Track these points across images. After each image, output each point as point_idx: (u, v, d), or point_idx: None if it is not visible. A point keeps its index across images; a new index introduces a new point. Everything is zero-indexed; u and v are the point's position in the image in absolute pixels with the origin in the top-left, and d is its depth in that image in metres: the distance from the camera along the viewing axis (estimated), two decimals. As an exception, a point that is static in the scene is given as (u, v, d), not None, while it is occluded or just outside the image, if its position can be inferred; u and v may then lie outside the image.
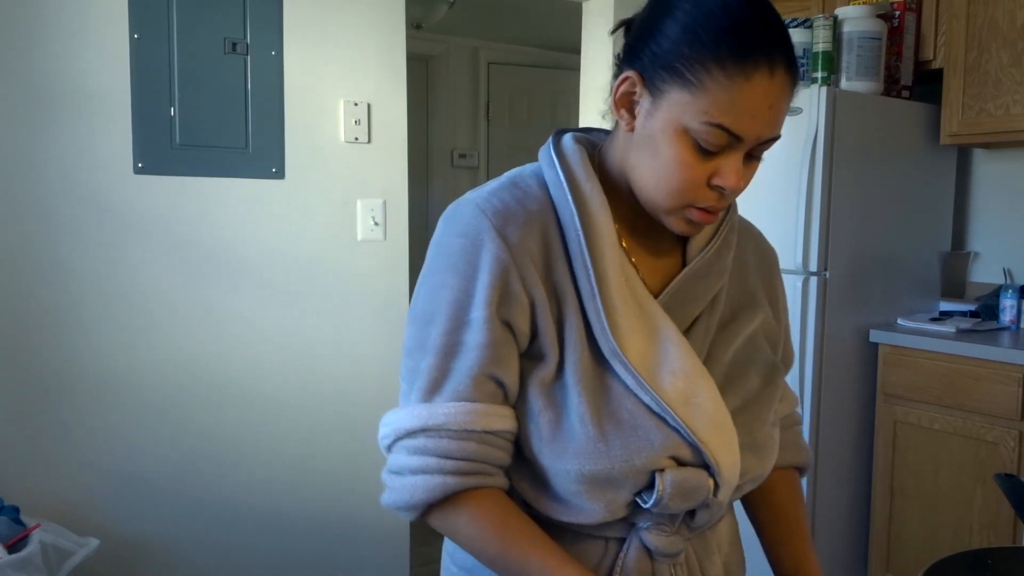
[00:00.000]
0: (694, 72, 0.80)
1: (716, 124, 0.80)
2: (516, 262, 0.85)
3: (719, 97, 0.79)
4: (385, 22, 2.46)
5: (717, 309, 0.95)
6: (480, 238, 0.86)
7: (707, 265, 0.94)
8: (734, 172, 0.83)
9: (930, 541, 2.54)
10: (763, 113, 0.81)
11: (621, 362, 0.85)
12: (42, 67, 2.01)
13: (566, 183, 0.89)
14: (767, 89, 0.80)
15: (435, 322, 0.86)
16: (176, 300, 2.20)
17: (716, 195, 0.85)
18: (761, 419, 0.95)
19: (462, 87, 4.46)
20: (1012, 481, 0.98)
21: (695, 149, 0.82)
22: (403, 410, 0.87)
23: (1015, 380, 2.32)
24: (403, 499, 0.86)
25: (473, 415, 0.84)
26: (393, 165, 2.52)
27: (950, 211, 2.98)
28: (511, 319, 0.86)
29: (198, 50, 2.18)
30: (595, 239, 0.87)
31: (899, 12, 2.74)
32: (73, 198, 2.06)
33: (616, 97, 0.88)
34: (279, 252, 2.34)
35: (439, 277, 0.87)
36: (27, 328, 2.03)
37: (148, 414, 2.18)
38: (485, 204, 0.88)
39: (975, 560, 0.93)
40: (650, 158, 0.85)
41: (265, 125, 2.29)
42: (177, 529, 2.24)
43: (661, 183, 0.85)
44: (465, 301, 0.85)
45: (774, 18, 0.83)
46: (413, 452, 0.85)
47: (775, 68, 0.80)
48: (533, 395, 0.86)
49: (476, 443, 0.85)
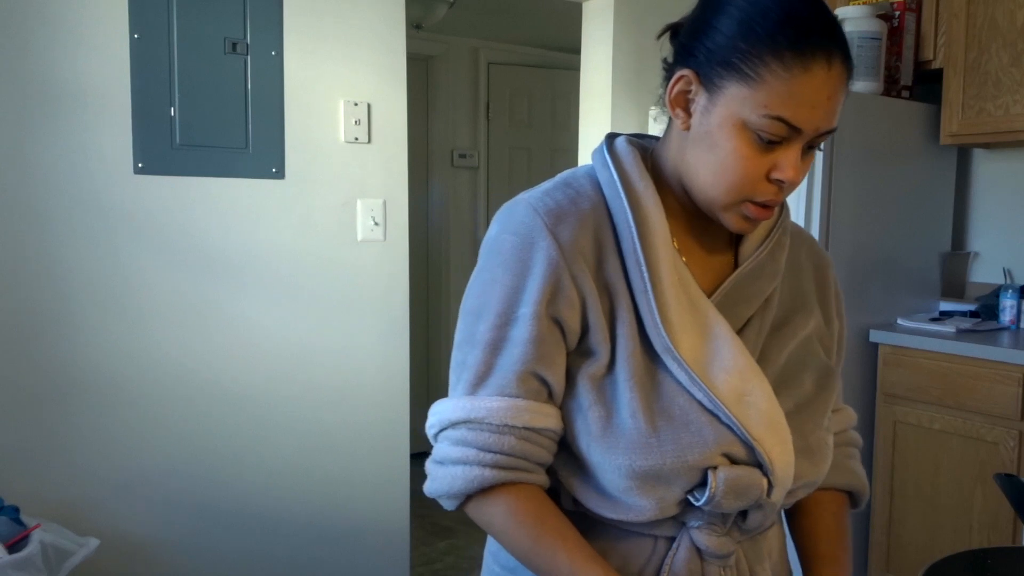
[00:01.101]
0: (752, 66, 0.81)
1: (776, 116, 0.81)
2: (567, 260, 0.86)
3: (778, 89, 0.80)
4: (385, 22, 2.46)
5: (770, 311, 0.95)
6: (532, 237, 0.87)
7: (760, 266, 0.94)
8: (793, 165, 0.84)
9: (930, 541, 2.54)
10: (822, 104, 0.82)
11: (674, 358, 0.86)
12: (42, 67, 2.01)
13: (619, 182, 0.90)
14: (825, 79, 0.81)
15: (484, 317, 0.88)
16: (176, 300, 2.20)
17: (774, 189, 0.85)
18: (814, 423, 0.94)
19: (462, 87, 4.46)
20: (1012, 481, 0.98)
21: (754, 143, 0.83)
22: (450, 401, 0.89)
23: (1015, 380, 2.31)
24: (443, 488, 0.87)
25: (514, 411, 0.85)
26: (393, 165, 2.52)
27: (950, 211, 2.98)
28: (561, 316, 0.86)
29: (198, 50, 2.18)
30: (648, 236, 0.88)
31: (899, 12, 2.74)
32: (73, 198, 2.06)
33: (671, 96, 0.88)
34: (279, 252, 2.34)
35: (490, 273, 0.89)
36: (27, 328, 2.03)
37: (148, 414, 2.18)
38: (538, 203, 0.89)
39: (975, 560, 0.93)
40: (708, 154, 0.86)
41: (265, 125, 2.29)
42: (177, 529, 2.24)
43: (719, 178, 0.85)
44: (514, 297, 0.87)
45: (828, 12, 0.84)
46: (455, 443, 0.87)
47: (832, 59, 0.81)
48: (583, 390, 0.87)
49: (515, 438, 0.85)
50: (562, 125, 4.63)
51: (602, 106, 3.07)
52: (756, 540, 0.95)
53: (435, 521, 3.52)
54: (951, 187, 2.97)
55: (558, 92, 4.66)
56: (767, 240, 0.96)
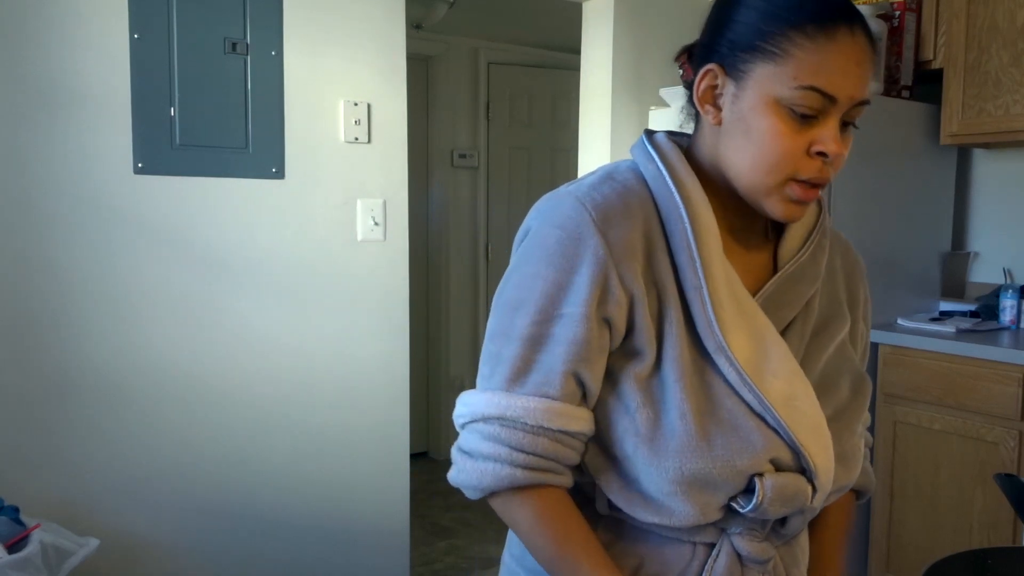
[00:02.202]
0: (776, 44, 0.81)
1: (808, 86, 0.80)
2: (615, 259, 0.84)
3: (806, 60, 0.80)
4: (385, 22, 2.46)
5: (811, 315, 0.94)
6: (580, 233, 0.84)
7: (801, 268, 0.93)
8: (833, 136, 0.83)
9: (930, 541, 2.54)
10: (852, 70, 0.81)
11: (727, 357, 0.84)
12: (42, 67, 2.01)
13: (669, 176, 0.88)
14: (851, 46, 0.81)
15: (523, 310, 0.85)
16: (176, 300, 2.20)
17: (818, 164, 0.84)
18: (851, 429, 0.94)
19: (462, 87, 4.46)
20: (1012, 481, 0.98)
21: (790, 117, 0.82)
22: (483, 394, 0.86)
23: (1015, 380, 2.31)
24: (471, 481, 0.86)
25: (550, 413, 0.83)
26: (393, 165, 2.52)
27: (950, 211, 2.98)
28: (609, 316, 0.85)
29: (198, 50, 2.18)
30: (701, 232, 0.86)
31: (899, 12, 2.74)
32: (73, 198, 2.06)
33: (699, 93, 0.88)
34: (279, 252, 2.34)
35: (532, 267, 0.86)
36: (27, 328, 2.03)
37: (148, 414, 2.18)
38: (585, 198, 0.86)
39: (975, 560, 0.93)
40: (744, 139, 0.85)
41: (265, 125, 2.29)
42: (177, 529, 2.23)
43: (759, 160, 0.84)
44: (559, 295, 0.84)
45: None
46: (487, 438, 0.85)
47: (854, 28, 0.82)
48: (629, 391, 0.85)
49: (549, 440, 0.84)
50: (562, 125, 4.63)
51: (602, 106, 3.07)
52: (791, 544, 0.95)
53: (435, 521, 3.52)
54: (951, 187, 2.97)
55: (558, 92, 4.66)
56: (808, 242, 0.95)
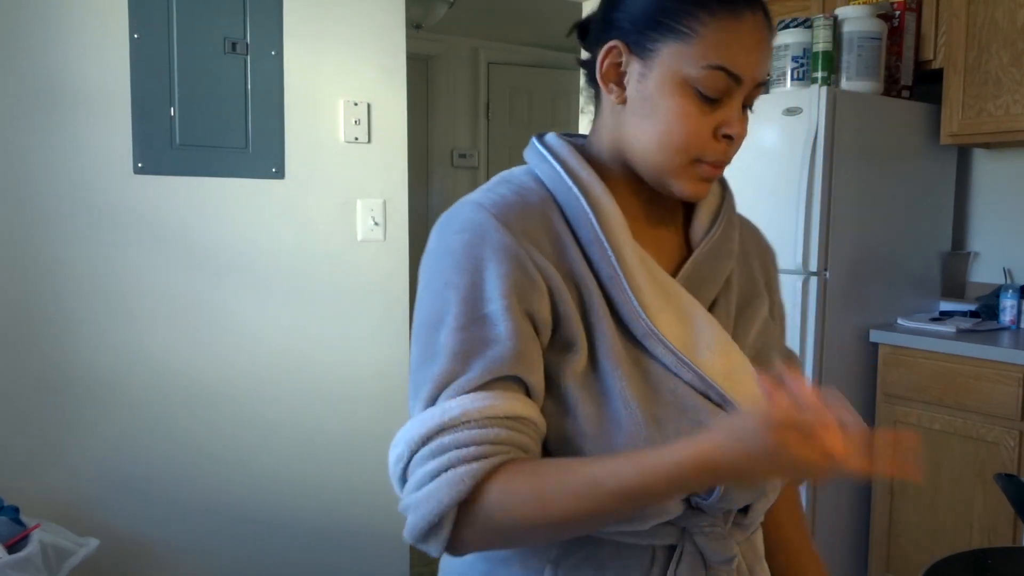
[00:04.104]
0: (684, 22, 0.81)
1: (716, 66, 0.80)
2: (525, 248, 0.80)
3: (714, 39, 0.80)
4: (385, 22, 2.46)
5: (732, 292, 0.93)
6: (482, 230, 0.80)
7: (716, 246, 0.92)
8: (738, 118, 0.84)
9: (930, 541, 2.54)
10: (756, 48, 0.82)
11: (658, 339, 0.82)
12: (42, 67, 2.01)
13: (564, 172, 0.87)
14: (754, 27, 0.82)
15: (443, 324, 0.78)
16: (176, 300, 2.20)
17: (723, 146, 0.84)
18: None
19: (462, 87, 4.46)
20: (1012, 481, 0.98)
21: (697, 99, 0.82)
22: (412, 422, 0.76)
23: (1015, 380, 2.31)
24: (427, 510, 0.73)
25: (490, 400, 0.74)
26: (393, 165, 2.52)
27: (950, 211, 2.98)
28: (531, 308, 0.79)
29: (198, 50, 2.18)
30: (607, 221, 0.85)
31: (899, 12, 2.74)
32: (73, 198, 2.06)
33: (602, 71, 0.86)
34: (279, 252, 2.34)
35: (442, 279, 0.80)
36: (26, 328, 2.03)
37: (147, 414, 2.18)
38: (483, 199, 0.84)
39: (975, 560, 0.93)
40: (650, 119, 0.84)
41: (265, 125, 2.29)
42: (177, 529, 2.23)
43: (665, 141, 0.83)
44: (475, 296, 0.78)
45: None
46: (432, 455, 0.74)
47: (755, 8, 0.82)
48: (569, 388, 0.80)
49: (502, 428, 0.74)
50: (562, 125, 4.63)
51: (602, 106, 3.07)
52: (752, 540, 0.92)
53: (435, 521, 3.51)
54: (951, 187, 2.97)
55: (558, 92, 4.66)
56: (717, 221, 0.94)
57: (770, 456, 0.66)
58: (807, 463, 0.65)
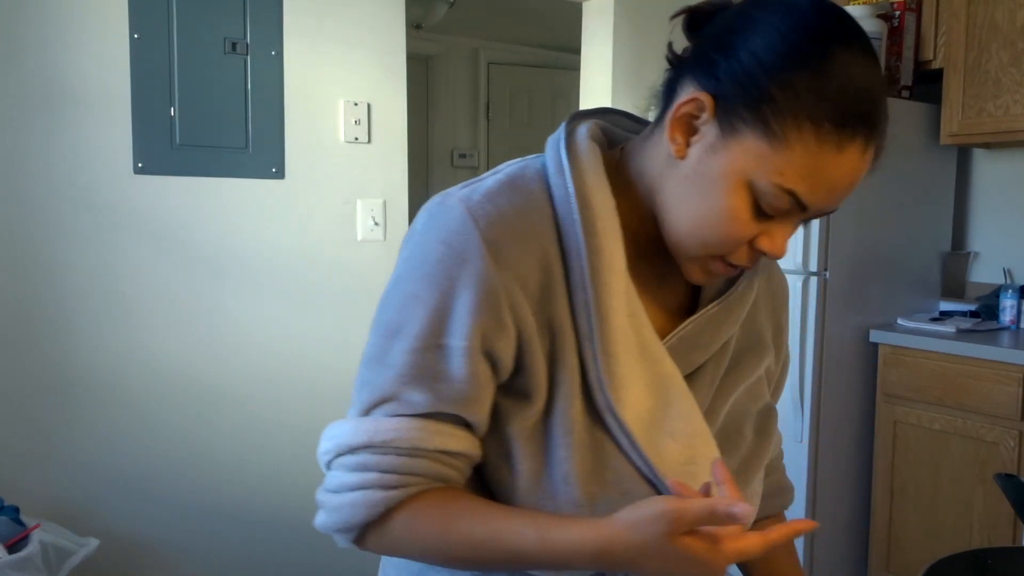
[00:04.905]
0: (782, 122, 0.68)
1: (788, 190, 0.69)
2: (505, 286, 0.73)
3: (802, 161, 0.68)
4: (385, 22, 2.46)
5: (725, 357, 0.84)
6: (466, 251, 0.73)
7: (727, 310, 0.83)
8: (785, 240, 0.74)
9: (930, 541, 2.54)
10: (841, 189, 0.71)
11: (616, 420, 0.75)
12: (42, 67, 2.01)
13: (575, 199, 0.75)
14: (856, 165, 0.70)
15: (401, 336, 0.74)
16: (176, 300, 2.20)
17: (754, 256, 0.75)
18: (754, 477, 0.86)
19: (462, 87, 4.46)
20: (1012, 481, 0.98)
21: (752, 206, 0.71)
22: (348, 424, 0.76)
23: (1015, 380, 2.31)
24: (341, 518, 0.76)
25: (424, 432, 0.73)
26: (393, 165, 2.52)
27: (950, 211, 2.98)
28: (494, 350, 0.74)
29: (198, 50, 2.18)
30: (601, 270, 0.75)
31: (899, 12, 2.74)
32: (73, 198, 2.06)
33: (675, 116, 0.73)
34: (279, 252, 2.34)
35: (412, 286, 0.75)
36: (26, 328, 2.03)
37: (148, 414, 2.18)
38: (477, 209, 0.74)
39: (975, 560, 0.93)
40: (697, 199, 0.73)
41: (265, 125, 2.29)
42: (177, 529, 2.23)
43: (701, 230, 0.74)
44: (440, 323, 0.73)
45: (882, 87, 0.71)
46: (354, 468, 0.75)
47: (870, 144, 0.70)
48: (513, 437, 0.76)
49: (426, 460, 0.73)
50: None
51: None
52: None
53: (435, 521, 3.52)
54: (951, 187, 2.97)
55: (558, 92, 4.66)
56: (738, 282, 0.84)
57: (666, 560, 0.65)
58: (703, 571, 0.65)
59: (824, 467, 2.65)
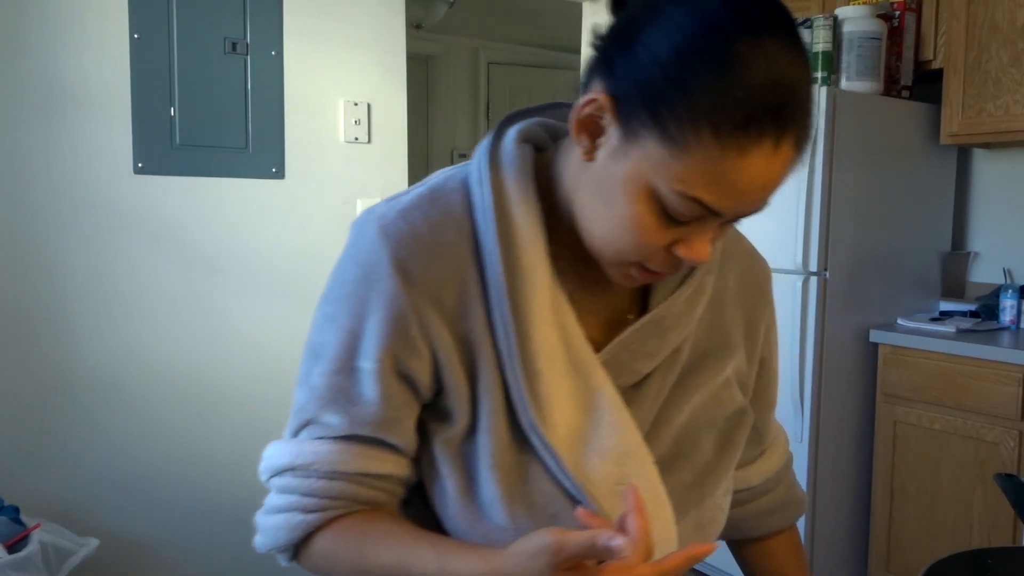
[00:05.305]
0: (680, 126, 0.61)
1: (692, 198, 0.63)
2: (415, 305, 0.71)
3: (703, 167, 0.62)
4: (385, 22, 2.46)
5: (677, 364, 0.79)
6: (376, 272, 0.72)
7: (673, 315, 0.77)
8: (704, 244, 0.68)
9: (930, 541, 2.54)
10: (753, 193, 0.64)
11: (540, 439, 0.72)
12: (42, 67, 2.01)
13: (492, 210, 0.72)
14: (764, 168, 0.62)
15: (320, 359, 0.75)
16: (176, 300, 2.20)
17: (675, 261, 0.69)
18: (712, 491, 0.81)
19: (462, 87, 4.46)
20: (1012, 481, 0.98)
21: (660, 214, 0.66)
22: (278, 445, 0.78)
23: (1015, 380, 2.31)
24: (268, 540, 0.78)
25: (345, 455, 0.73)
26: (393, 165, 2.52)
27: (950, 211, 2.98)
28: (410, 372, 0.73)
29: (198, 50, 2.18)
30: (519, 282, 0.71)
31: (899, 12, 2.74)
32: (73, 198, 2.06)
33: (578, 117, 0.67)
34: (279, 252, 2.34)
35: (331, 307, 0.76)
36: (27, 328, 2.03)
37: (148, 414, 2.18)
38: (390, 228, 0.72)
39: (975, 560, 0.93)
40: (603, 206, 0.68)
41: (265, 125, 2.29)
42: (177, 529, 2.23)
43: (609, 238, 0.69)
44: (352, 345, 0.73)
45: (800, 76, 0.62)
46: (280, 491, 0.77)
47: (782, 140, 0.62)
48: (439, 455, 0.75)
49: (347, 483, 0.74)
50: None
51: (602, 106, 3.07)
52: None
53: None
54: (951, 187, 2.97)
55: (558, 92, 4.66)
56: (687, 281, 0.79)
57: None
58: None
59: (824, 467, 2.65)
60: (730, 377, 0.84)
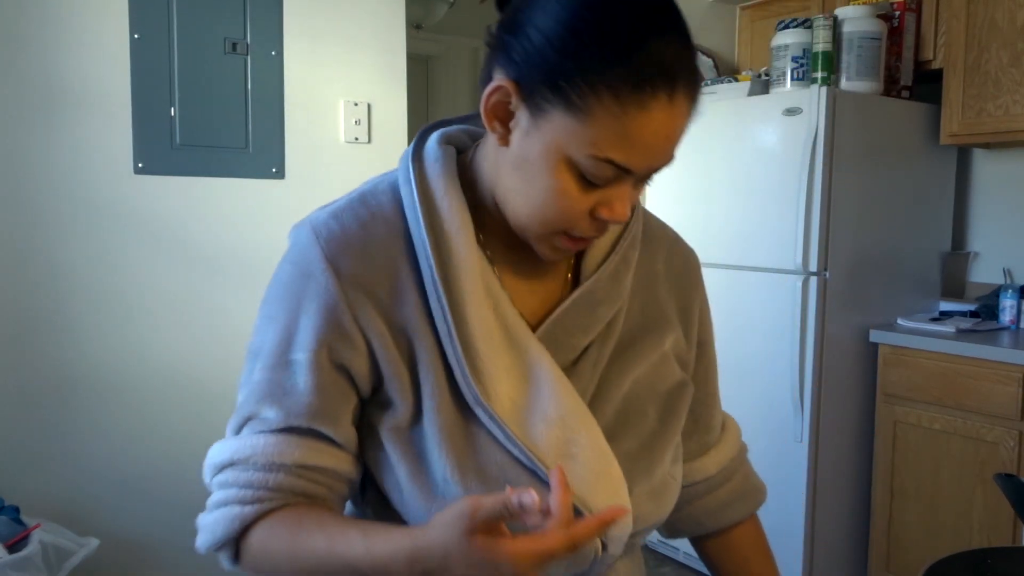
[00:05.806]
0: (581, 95, 0.67)
1: (604, 159, 0.69)
2: (348, 298, 0.75)
3: (609, 128, 0.68)
4: (385, 22, 2.46)
5: (612, 337, 0.83)
6: (309, 269, 0.76)
7: (601, 289, 0.82)
8: (623, 203, 0.73)
9: (930, 541, 2.54)
10: (659, 145, 0.70)
11: (485, 411, 0.75)
12: (42, 67, 2.01)
13: (419, 202, 0.77)
14: (665, 119, 0.69)
15: (259, 357, 0.78)
16: (176, 300, 2.20)
17: (598, 224, 0.75)
18: (660, 460, 0.84)
19: (462, 87, 4.46)
20: (1012, 481, 0.98)
21: (579, 180, 0.71)
22: (219, 444, 0.79)
23: (1015, 380, 2.31)
24: (207, 537, 0.77)
25: (283, 446, 0.75)
26: (393, 165, 2.51)
27: (950, 211, 2.98)
28: (346, 363, 0.76)
29: (198, 50, 2.18)
30: (451, 269, 0.76)
31: (899, 12, 2.74)
32: (73, 198, 2.06)
33: (487, 107, 0.73)
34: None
35: (268, 308, 0.80)
36: (27, 328, 2.03)
37: (148, 414, 2.18)
38: (321, 228, 0.78)
39: (975, 560, 0.93)
40: (524, 183, 0.73)
41: (265, 125, 2.29)
42: (177, 529, 2.23)
43: (535, 211, 0.74)
44: (288, 339, 0.76)
45: (677, 24, 0.69)
46: (220, 486, 0.77)
47: (675, 93, 0.68)
48: (388, 445, 0.77)
49: (284, 474, 0.75)
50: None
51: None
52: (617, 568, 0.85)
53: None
54: (951, 187, 2.97)
55: (558, 92, 4.66)
56: (611, 256, 0.84)
57: (468, 562, 0.63)
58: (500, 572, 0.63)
59: (824, 467, 2.65)
60: (668, 352, 0.88)
